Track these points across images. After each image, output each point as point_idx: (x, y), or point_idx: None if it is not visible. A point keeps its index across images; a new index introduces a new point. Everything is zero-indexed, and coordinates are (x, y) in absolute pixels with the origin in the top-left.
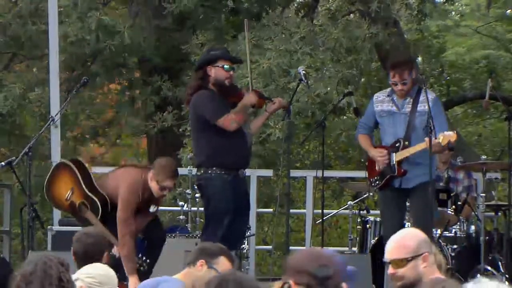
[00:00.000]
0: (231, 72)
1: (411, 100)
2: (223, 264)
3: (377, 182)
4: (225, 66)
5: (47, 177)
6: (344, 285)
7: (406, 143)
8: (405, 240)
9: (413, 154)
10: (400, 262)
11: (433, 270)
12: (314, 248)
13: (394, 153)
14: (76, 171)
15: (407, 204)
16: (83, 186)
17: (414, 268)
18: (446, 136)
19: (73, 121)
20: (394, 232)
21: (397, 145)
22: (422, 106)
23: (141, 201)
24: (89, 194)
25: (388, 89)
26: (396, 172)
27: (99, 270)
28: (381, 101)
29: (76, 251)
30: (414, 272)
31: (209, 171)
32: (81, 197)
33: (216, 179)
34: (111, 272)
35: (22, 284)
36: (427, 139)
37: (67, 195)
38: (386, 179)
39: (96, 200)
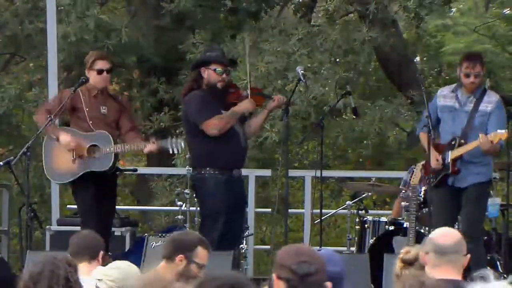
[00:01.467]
0: (224, 76)
1: (474, 99)
2: (201, 255)
3: (432, 179)
4: (217, 70)
5: (45, 161)
6: (328, 284)
7: (462, 141)
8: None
9: (467, 153)
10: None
11: (431, 273)
12: (301, 245)
13: (450, 151)
14: None
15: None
16: (80, 134)
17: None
18: (498, 134)
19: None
20: None
21: (453, 143)
22: (484, 106)
23: (88, 103)
24: (88, 133)
25: (453, 85)
26: (450, 170)
27: (118, 273)
28: (444, 96)
29: (71, 252)
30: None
31: (203, 172)
32: (85, 144)
33: (210, 179)
34: (131, 271)
35: (30, 284)
36: (481, 135)
37: (71, 157)
38: (441, 177)
39: (100, 130)
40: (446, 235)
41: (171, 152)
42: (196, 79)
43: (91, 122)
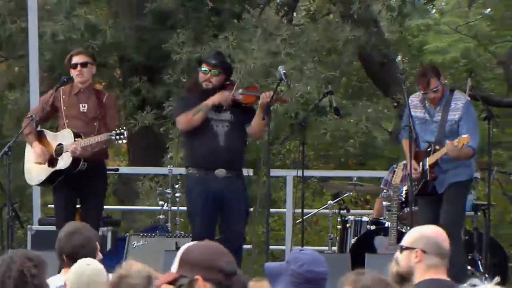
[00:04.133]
0: (209, 75)
1: (441, 108)
2: None
3: (415, 188)
4: (202, 69)
5: (25, 164)
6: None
7: (437, 147)
8: (413, 230)
9: (444, 160)
10: (400, 247)
11: (426, 272)
12: (213, 243)
13: (427, 158)
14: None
15: None
16: (50, 134)
17: (407, 258)
18: (461, 139)
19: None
20: None
21: (429, 149)
22: (452, 115)
23: (65, 102)
24: (57, 132)
25: (421, 94)
26: (428, 177)
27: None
28: (414, 106)
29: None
30: (406, 263)
31: (186, 171)
32: (53, 144)
33: (189, 178)
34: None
35: None
36: (448, 142)
37: (41, 162)
38: (421, 185)
39: (66, 128)
40: (446, 239)
41: (115, 142)
42: (196, 81)
43: (67, 121)
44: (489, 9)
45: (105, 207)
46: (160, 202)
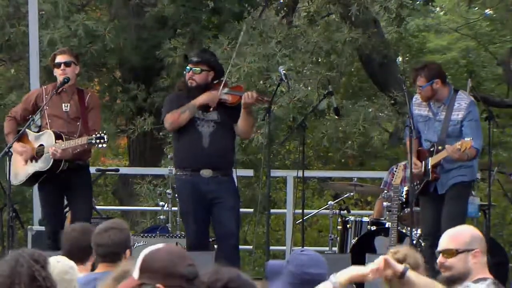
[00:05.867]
0: (191, 73)
1: (445, 107)
2: None
3: (417, 186)
4: (187, 67)
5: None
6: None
7: (440, 147)
8: (459, 233)
9: (447, 160)
10: (449, 252)
11: (483, 269)
12: (172, 247)
13: (429, 158)
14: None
15: None
16: (32, 135)
17: (463, 261)
18: (464, 143)
19: None
20: (430, 234)
21: (431, 149)
22: (455, 115)
23: (48, 100)
24: (39, 133)
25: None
26: (430, 177)
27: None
28: (418, 104)
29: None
30: (462, 265)
31: (175, 173)
32: (35, 145)
33: (177, 180)
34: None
35: None
36: (447, 146)
37: (23, 160)
38: (423, 184)
39: (45, 131)
40: None
41: (96, 146)
42: (184, 80)
43: (49, 120)
44: (488, 10)
45: (105, 207)
46: (161, 203)
